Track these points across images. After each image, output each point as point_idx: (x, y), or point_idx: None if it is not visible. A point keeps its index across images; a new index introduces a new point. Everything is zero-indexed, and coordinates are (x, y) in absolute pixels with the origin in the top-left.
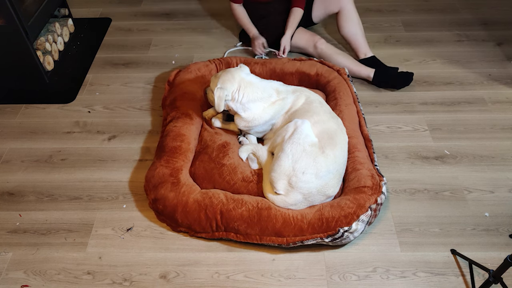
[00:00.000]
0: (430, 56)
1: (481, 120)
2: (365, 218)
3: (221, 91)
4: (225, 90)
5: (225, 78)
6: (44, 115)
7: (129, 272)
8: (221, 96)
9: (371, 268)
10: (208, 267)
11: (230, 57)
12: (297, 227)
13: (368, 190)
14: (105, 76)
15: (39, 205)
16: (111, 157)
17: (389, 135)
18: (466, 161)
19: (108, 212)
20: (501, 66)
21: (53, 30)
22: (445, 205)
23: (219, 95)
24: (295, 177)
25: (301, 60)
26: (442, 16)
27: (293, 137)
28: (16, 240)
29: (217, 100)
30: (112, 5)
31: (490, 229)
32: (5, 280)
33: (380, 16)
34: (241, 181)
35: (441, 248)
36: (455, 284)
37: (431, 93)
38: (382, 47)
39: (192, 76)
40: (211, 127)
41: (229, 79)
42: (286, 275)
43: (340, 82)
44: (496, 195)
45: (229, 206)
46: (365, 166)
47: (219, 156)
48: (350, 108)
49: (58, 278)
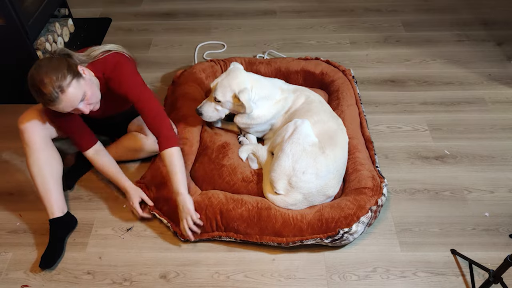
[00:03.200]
0: (430, 56)
1: (481, 120)
2: (365, 219)
3: (245, 93)
4: (246, 90)
5: (237, 81)
6: None
7: (129, 272)
8: (247, 98)
9: (371, 268)
10: (208, 267)
11: (234, 58)
12: (296, 227)
13: (369, 191)
14: None
15: (39, 205)
16: None
17: (389, 135)
18: (466, 161)
19: (108, 212)
20: (501, 66)
21: (53, 30)
22: (445, 205)
23: (245, 98)
24: (295, 177)
25: (306, 59)
26: (442, 16)
27: (293, 137)
28: (16, 240)
29: (246, 103)
30: (112, 5)
31: (490, 229)
32: (5, 280)
33: (380, 16)
34: (241, 181)
35: (441, 248)
36: (455, 284)
37: (431, 93)
38: (382, 47)
39: (195, 76)
40: (210, 128)
41: (242, 81)
42: (286, 275)
43: (344, 82)
44: (496, 195)
45: (228, 206)
46: (366, 167)
47: (219, 157)
48: (352, 109)
49: (58, 278)
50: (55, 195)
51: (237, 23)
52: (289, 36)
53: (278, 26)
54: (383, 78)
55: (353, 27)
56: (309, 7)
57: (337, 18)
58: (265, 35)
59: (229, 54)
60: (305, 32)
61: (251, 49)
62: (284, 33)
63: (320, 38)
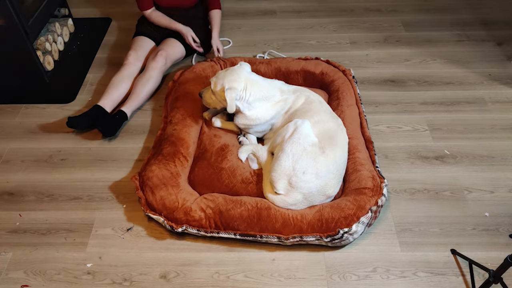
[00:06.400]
0: (430, 56)
1: (481, 120)
2: (365, 220)
3: (232, 91)
4: (235, 90)
5: (231, 78)
6: (44, 115)
7: (129, 272)
8: (233, 97)
9: (371, 268)
10: (208, 267)
11: (234, 57)
12: (296, 227)
13: (369, 191)
14: (105, 76)
15: (39, 205)
16: (111, 157)
17: (389, 135)
18: (466, 161)
19: (108, 212)
20: (501, 66)
21: (53, 30)
22: (445, 205)
23: (230, 96)
24: (295, 177)
25: (306, 59)
26: (442, 16)
27: (293, 137)
28: (16, 240)
29: (229, 101)
30: (112, 5)
31: (490, 229)
32: (5, 280)
33: (380, 16)
34: (240, 183)
35: (441, 248)
36: (455, 284)
37: (431, 93)
38: (382, 47)
39: (196, 76)
40: (210, 129)
41: (235, 79)
42: (286, 275)
43: (344, 82)
44: (496, 195)
45: (228, 206)
46: (366, 167)
47: (218, 160)
48: (352, 109)
49: (58, 278)
50: (116, 95)
51: (237, 23)
52: (289, 36)
53: (278, 26)
54: (383, 78)
55: (353, 27)
56: (309, 7)
57: (337, 18)
58: (265, 35)
59: (229, 54)
60: (305, 32)
61: (251, 49)
62: (284, 33)
63: (320, 38)
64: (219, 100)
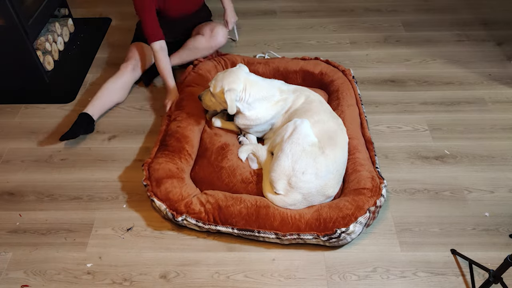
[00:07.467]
0: (430, 56)
1: (481, 120)
2: (363, 220)
3: (231, 93)
4: (234, 91)
5: (230, 80)
6: (44, 115)
7: (129, 272)
8: (233, 98)
9: (371, 268)
10: (208, 267)
11: (235, 57)
12: (294, 226)
13: (368, 192)
14: (105, 76)
15: (39, 205)
16: (111, 157)
17: (389, 135)
18: (466, 161)
19: (108, 212)
20: (501, 66)
21: (53, 30)
22: (445, 205)
23: (230, 98)
24: (295, 177)
25: (304, 59)
26: (442, 16)
27: (293, 137)
28: (16, 240)
29: (229, 102)
30: (112, 5)
31: (490, 229)
32: (5, 280)
33: (380, 16)
34: (240, 182)
35: (441, 248)
36: (455, 284)
37: (431, 93)
38: (382, 47)
39: (201, 77)
40: (210, 128)
41: (234, 80)
42: (286, 275)
43: (344, 82)
44: (496, 195)
45: (227, 202)
46: (366, 167)
47: (218, 159)
48: (352, 109)
49: (58, 278)
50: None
51: (237, 23)
52: (289, 36)
53: (278, 26)
54: (383, 78)
55: (353, 27)
56: (309, 7)
57: (337, 18)
58: (265, 35)
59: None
60: (305, 32)
61: (251, 49)
62: (284, 33)
63: (320, 38)
64: (219, 102)
